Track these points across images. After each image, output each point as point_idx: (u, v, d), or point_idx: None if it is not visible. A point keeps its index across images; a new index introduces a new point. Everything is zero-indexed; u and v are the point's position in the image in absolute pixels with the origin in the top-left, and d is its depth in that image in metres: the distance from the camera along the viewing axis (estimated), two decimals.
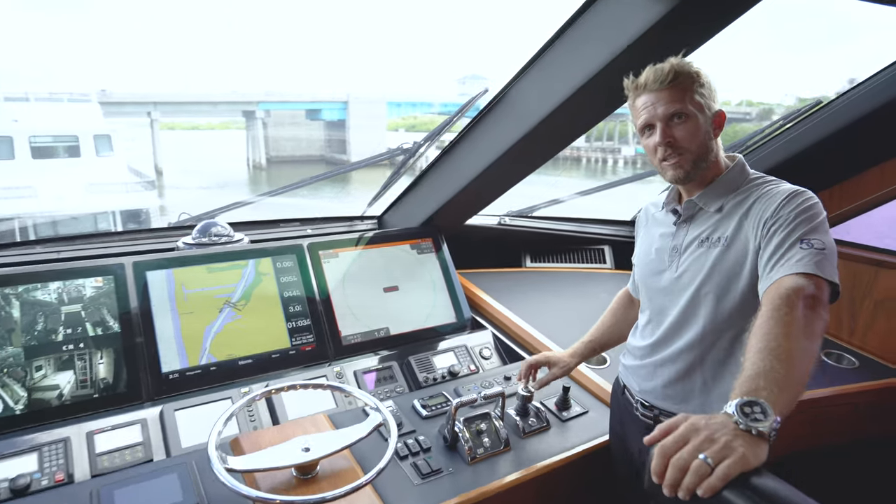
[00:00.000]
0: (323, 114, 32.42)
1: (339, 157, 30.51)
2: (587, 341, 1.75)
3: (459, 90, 44.46)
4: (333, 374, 1.95)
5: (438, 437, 1.67)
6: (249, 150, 29.74)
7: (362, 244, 2.34)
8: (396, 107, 35.51)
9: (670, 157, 1.34)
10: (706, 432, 0.87)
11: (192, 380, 1.83)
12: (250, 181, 26.77)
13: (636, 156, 29.99)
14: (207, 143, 35.14)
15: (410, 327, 2.26)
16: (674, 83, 1.30)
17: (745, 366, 1.00)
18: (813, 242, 1.16)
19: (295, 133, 32.27)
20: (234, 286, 2.01)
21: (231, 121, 33.58)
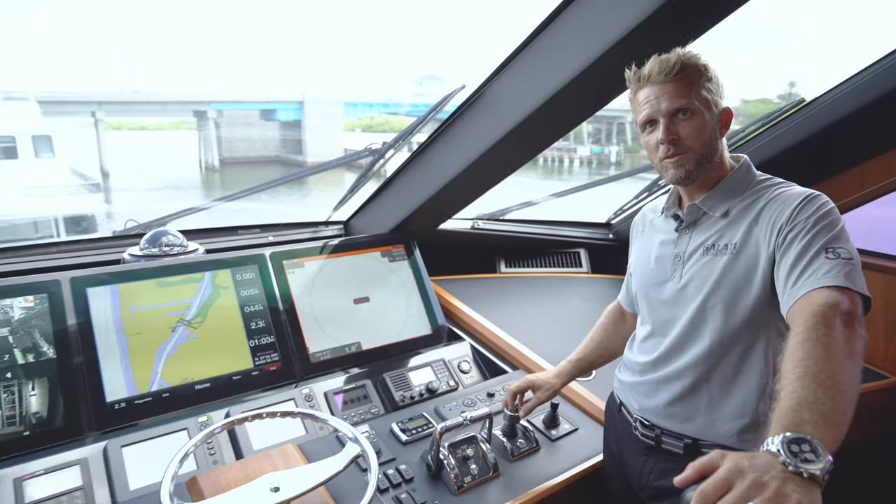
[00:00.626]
0: (278, 114, 31.76)
1: (296, 157, 29.90)
2: (574, 360, 1.64)
3: (416, 90, 44.34)
4: (302, 396, 1.77)
5: (421, 464, 1.53)
6: (202, 151, 28.80)
7: (329, 252, 2.18)
8: (353, 107, 35.13)
9: (672, 156, 1.24)
10: (753, 475, 0.75)
11: (141, 409, 1.63)
12: (203, 183, 25.91)
13: (591, 156, 30.46)
14: (157, 143, 33.85)
15: (383, 341, 2.11)
16: (680, 76, 1.20)
17: (782, 394, 0.89)
18: (839, 251, 1.07)
19: (249, 133, 31.46)
20: (189, 302, 1.82)
21: (182, 121, 32.44)
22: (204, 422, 1.60)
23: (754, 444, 1.27)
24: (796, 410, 0.85)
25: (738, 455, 0.80)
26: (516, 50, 1.69)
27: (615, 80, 1.56)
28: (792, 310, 1.07)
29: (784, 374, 0.93)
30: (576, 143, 32.13)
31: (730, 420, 1.26)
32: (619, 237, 2.99)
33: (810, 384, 0.88)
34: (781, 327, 1.23)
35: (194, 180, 26.00)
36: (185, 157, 29.22)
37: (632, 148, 29.76)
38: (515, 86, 1.72)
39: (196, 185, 24.87)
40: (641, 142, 1.32)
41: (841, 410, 0.85)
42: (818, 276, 1.05)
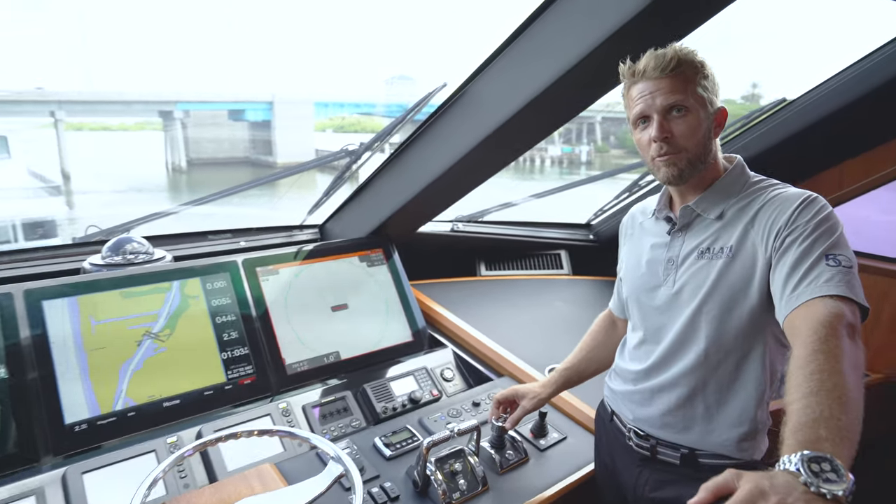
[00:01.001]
0: (247, 114, 31.21)
1: (266, 158, 29.44)
2: (563, 369, 1.58)
3: (387, 91, 44.15)
4: (279, 411, 1.68)
5: (407, 480, 1.46)
6: (168, 153, 28.11)
7: (305, 258, 2.08)
8: (324, 107, 34.77)
9: (665, 155, 1.19)
10: (776, 497, 0.70)
11: (104, 430, 1.52)
12: (170, 185, 25.28)
13: (562, 155, 30.71)
14: (121, 145, 32.95)
15: (363, 350, 2.03)
16: (676, 72, 1.15)
17: (794, 408, 0.85)
18: (840, 259, 1.04)
19: (217, 134, 30.86)
20: (156, 313, 1.71)
21: (147, 121, 31.63)
22: (174, 442, 1.50)
23: (752, 453, 1.24)
24: (812, 427, 0.80)
25: (756, 475, 0.75)
26: (499, 48, 1.64)
27: (601, 79, 1.53)
28: (792, 317, 1.03)
29: (795, 387, 0.88)
30: (547, 143, 32.39)
31: (728, 429, 1.23)
32: (600, 238, 2.96)
33: (825, 399, 0.83)
34: (778, 333, 1.19)
35: (160, 182, 25.36)
36: (151, 158, 28.51)
37: (601, 148, 30.09)
38: (499, 85, 1.66)
39: (162, 187, 24.27)
40: (633, 139, 1.28)
41: (854, 426, 0.82)
42: (819, 284, 1.01)
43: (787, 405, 0.87)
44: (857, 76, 1.87)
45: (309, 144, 28.10)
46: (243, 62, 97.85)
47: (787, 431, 0.83)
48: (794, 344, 0.97)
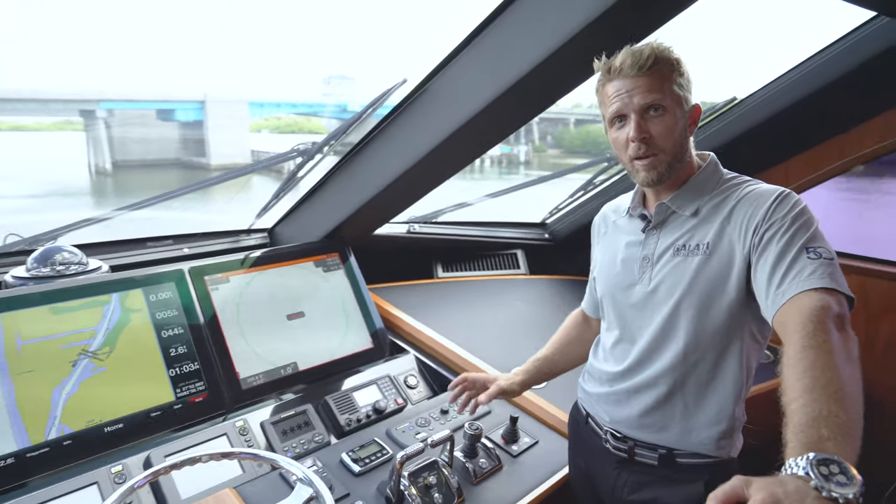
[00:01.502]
0: (177, 114, 29.88)
1: (198, 160, 28.22)
2: (536, 360, 1.56)
3: (324, 90, 43.35)
4: (235, 429, 1.56)
5: (379, 497, 1.39)
6: (91, 154, 26.50)
7: (257, 264, 1.96)
8: (259, 107, 33.76)
9: (644, 157, 1.18)
10: None
11: (36, 463, 1.36)
12: (94, 189, 23.83)
13: (501, 155, 31.11)
14: (37, 146, 30.84)
15: (322, 359, 1.93)
16: (653, 70, 1.13)
17: (792, 408, 0.83)
18: (820, 251, 1.04)
19: (145, 135, 29.36)
20: (93, 330, 1.55)
21: (66, 121, 29.74)
22: (119, 472, 1.35)
23: (729, 451, 1.24)
24: (813, 427, 0.79)
25: (766, 481, 0.72)
26: (464, 42, 1.58)
27: (572, 74, 1.50)
28: (780, 314, 1.02)
29: (790, 386, 0.87)
30: None
31: (706, 427, 1.22)
32: (556, 237, 2.97)
33: (821, 396, 0.82)
34: (754, 329, 1.20)
35: (83, 186, 23.87)
36: (72, 160, 26.81)
37: (539, 147, 30.66)
38: (463, 80, 1.61)
39: (86, 191, 22.84)
40: (609, 137, 1.25)
41: (855, 422, 0.80)
42: (803, 278, 1.01)
43: (784, 405, 0.86)
44: (802, 76, 1.94)
45: (244, 146, 27.21)
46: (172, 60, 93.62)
47: (788, 433, 0.81)
48: (784, 341, 0.96)
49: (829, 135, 2.11)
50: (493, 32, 1.49)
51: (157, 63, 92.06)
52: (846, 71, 1.79)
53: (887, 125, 1.96)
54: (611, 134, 1.23)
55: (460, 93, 1.60)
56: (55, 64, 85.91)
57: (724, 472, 1.23)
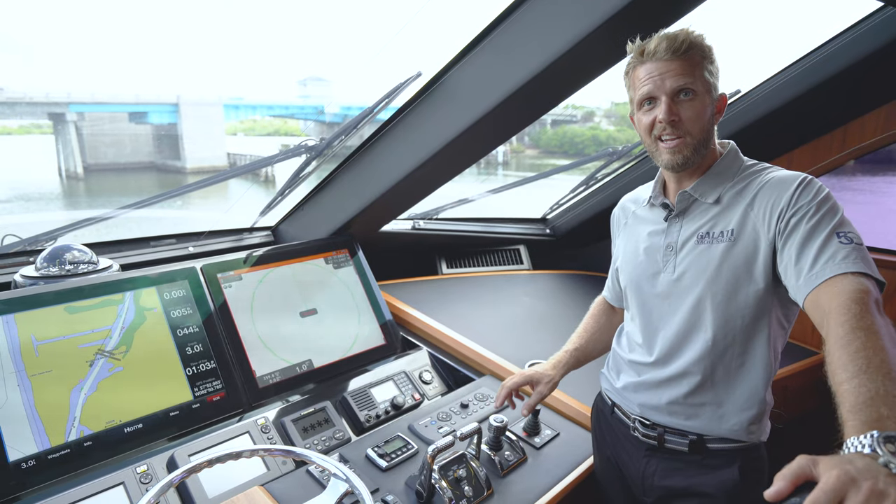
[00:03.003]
0: (150, 117, 29.33)
1: (173, 163, 27.78)
2: (572, 350, 1.54)
3: (300, 92, 42.93)
4: (257, 427, 1.53)
5: (409, 491, 1.38)
6: (61, 158, 25.85)
7: (268, 261, 1.93)
8: (234, 109, 33.34)
9: (669, 139, 1.19)
10: (867, 482, 0.68)
11: (57, 465, 1.32)
12: (66, 193, 23.26)
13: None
14: (5, 150, 30.02)
15: (336, 356, 1.91)
16: (686, 55, 1.14)
17: (845, 388, 0.84)
18: (850, 236, 1.05)
19: (117, 138, 28.78)
20: (109, 329, 1.51)
21: (34, 124, 29.00)
22: (144, 471, 1.32)
23: (759, 436, 1.25)
24: (872, 405, 0.80)
25: (835, 460, 0.73)
26: (479, 36, 1.58)
27: (589, 67, 1.51)
28: (814, 294, 1.03)
29: (842, 367, 0.88)
30: None
31: (737, 413, 1.23)
32: (557, 232, 2.98)
33: (876, 376, 0.83)
34: (780, 315, 1.21)
35: (54, 190, 23.29)
36: (42, 164, 26.15)
37: (517, 148, 30.81)
38: (480, 75, 1.60)
39: (56, 195, 22.29)
40: (633, 120, 1.26)
41: None
42: (837, 262, 1.03)
43: (835, 385, 0.87)
44: (806, 68, 1.98)
45: (220, 148, 26.87)
46: (144, 61, 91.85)
47: (844, 412, 0.81)
48: (825, 322, 0.97)
49: (831, 126, 2.16)
50: (508, 28, 1.50)
51: (129, 64, 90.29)
52: (850, 63, 1.83)
53: (889, 116, 2.01)
54: (637, 116, 1.24)
55: (475, 89, 1.60)
56: (22, 65, 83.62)
57: (755, 456, 1.26)
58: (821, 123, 2.17)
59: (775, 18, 54.79)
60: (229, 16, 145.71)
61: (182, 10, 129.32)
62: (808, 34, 2.02)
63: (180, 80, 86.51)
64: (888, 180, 4.67)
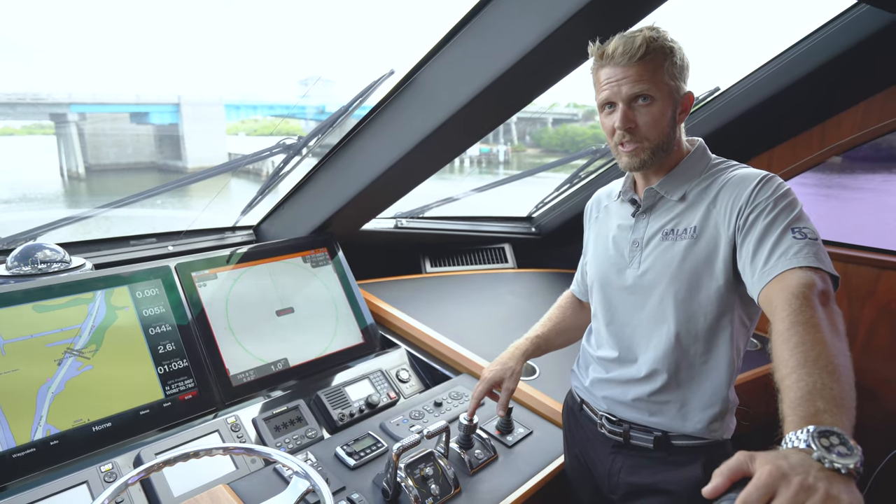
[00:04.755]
0: (151, 117, 29.42)
1: (175, 163, 27.84)
2: (533, 337, 1.52)
3: (302, 92, 42.95)
4: (227, 426, 1.54)
5: (375, 490, 1.37)
6: (63, 158, 25.93)
7: (245, 260, 1.93)
8: (235, 109, 33.41)
9: (627, 144, 1.19)
10: (798, 477, 0.68)
11: (21, 465, 1.32)
12: (68, 193, 23.32)
13: (481, 156, 31.21)
14: (6, 150, 30.12)
15: (312, 355, 1.91)
16: (644, 59, 1.14)
17: (786, 383, 0.84)
18: (805, 231, 1.06)
19: (119, 138, 28.87)
20: (79, 327, 1.51)
21: (36, 124, 29.10)
22: (109, 470, 1.32)
23: (722, 433, 1.25)
24: (809, 400, 0.80)
25: (769, 455, 0.73)
26: (448, 35, 1.58)
27: (562, 60, 1.50)
28: (766, 291, 1.03)
29: (782, 362, 0.88)
30: None
31: (699, 411, 1.23)
32: (543, 231, 2.98)
33: (813, 370, 0.83)
34: (742, 313, 1.21)
35: (56, 190, 23.36)
36: (43, 164, 26.24)
37: (518, 147, 30.83)
38: (451, 72, 1.60)
39: (59, 195, 22.34)
40: (599, 121, 1.26)
41: (848, 392, 0.82)
42: (789, 257, 1.03)
43: (778, 381, 0.87)
44: (783, 66, 1.97)
45: (221, 148, 26.90)
46: (145, 62, 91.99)
47: (785, 408, 0.82)
48: (772, 319, 0.97)
49: (810, 124, 2.15)
50: (478, 24, 1.49)
51: (130, 65, 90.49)
52: (825, 61, 1.83)
53: (866, 114, 2.00)
54: (601, 118, 1.24)
55: (447, 85, 1.59)
56: (24, 66, 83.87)
57: (720, 454, 1.25)
58: (799, 121, 2.16)
59: (753, 16, 54.73)
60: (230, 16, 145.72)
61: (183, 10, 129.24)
62: (784, 32, 2.01)
63: (181, 81, 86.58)
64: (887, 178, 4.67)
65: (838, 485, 0.68)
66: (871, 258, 2.18)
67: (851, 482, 0.70)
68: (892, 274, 2.14)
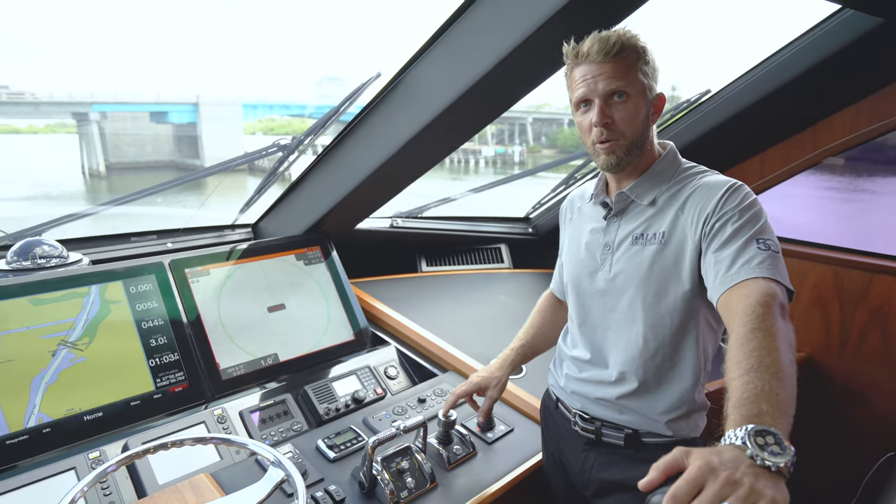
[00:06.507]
0: (170, 116, 29.90)
1: (192, 162, 28.26)
2: (517, 347, 1.56)
3: (318, 92, 43.33)
4: (214, 417, 1.59)
5: (353, 482, 1.41)
6: (84, 157, 26.44)
7: (238, 257, 1.98)
8: (252, 109, 33.82)
9: (605, 141, 1.20)
10: (725, 472, 0.71)
11: (14, 450, 1.38)
12: (89, 191, 23.78)
13: (496, 156, 31.17)
14: (31, 148, 30.77)
15: (303, 351, 1.95)
16: (619, 56, 1.16)
17: (735, 384, 0.86)
18: (769, 243, 1.08)
19: (138, 137, 29.37)
20: (73, 321, 1.57)
21: (59, 123, 29.70)
22: (96, 458, 1.38)
23: (689, 432, 1.27)
24: (754, 402, 0.82)
25: (704, 451, 0.75)
26: (434, 35, 1.61)
27: (546, 60, 1.53)
28: (726, 296, 1.05)
29: (736, 363, 0.90)
30: (480, 144, 32.85)
31: (667, 412, 1.25)
32: (539, 231, 3.00)
33: (764, 374, 0.85)
34: (709, 317, 1.23)
35: (77, 188, 23.84)
36: (66, 162, 26.78)
37: (533, 148, 30.79)
38: (435, 73, 1.63)
39: (80, 193, 22.81)
40: (574, 121, 1.28)
41: (791, 400, 0.84)
42: (752, 266, 1.05)
43: (728, 381, 0.89)
44: (773, 68, 1.97)
45: (238, 147, 27.17)
46: (164, 62, 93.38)
47: (729, 407, 0.84)
48: (731, 322, 0.99)
49: (801, 127, 2.15)
50: (462, 25, 1.52)
51: (150, 65, 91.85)
52: (813, 63, 1.82)
53: (856, 116, 2.00)
54: (576, 117, 1.26)
55: (431, 87, 1.62)
56: (48, 66, 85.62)
57: None
58: (791, 123, 2.15)
59: (743, 19, 54.05)
60: (248, 17, 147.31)
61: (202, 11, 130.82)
62: (773, 35, 2.01)
63: (200, 81, 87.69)
64: None
65: (765, 481, 0.70)
66: (863, 262, 2.17)
67: (780, 480, 0.72)
68: (885, 278, 2.13)
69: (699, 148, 2.26)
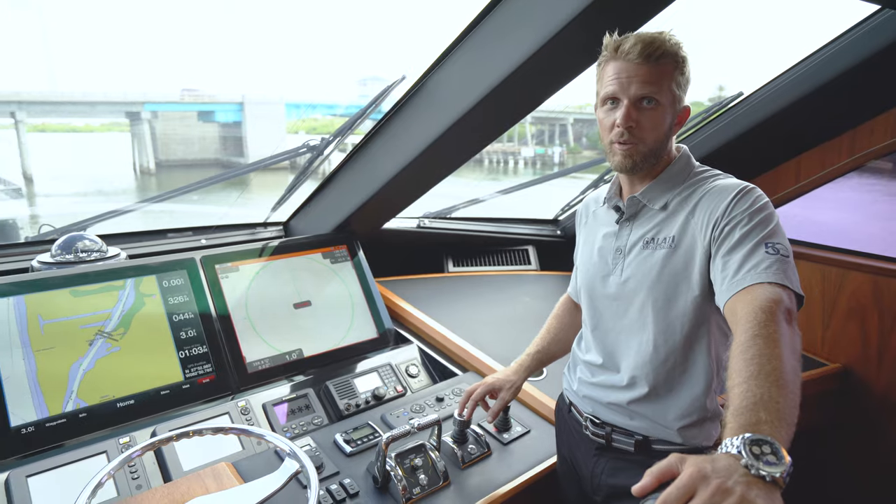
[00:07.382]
0: (217, 115, 30.80)
1: (237, 160, 29.02)
2: (534, 352, 1.58)
3: (360, 91, 43.89)
4: (238, 409, 1.65)
5: (367, 477, 1.44)
6: (136, 154, 27.51)
7: (266, 254, 2.05)
8: (295, 108, 34.45)
9: (624, 143, 1.19)
10: (717, 480, 0.71)
11: (53, 433, 1.47)
12: (139, 187, 24.74)
13: (535, 157, 30.90)
14: (87, 146, 32.18)
15: (326, 347, 2.00)
16: (658, 63, 1.14)
17: (735, 392, 0.85)
18: (777, 247, 1.05)
19: (187, 135, 30.36)
20: (109, 312, 1.66)
21: (113, 122, 30.97)
22: (126, 443, 1.45)
23: (701, 440, 1.25)
24: (752, 410, 0.81)
25: (698, 459, 0.75)
26: (458, 38, 1.63)
27: (567, 64, 1.53)
28: (732, 302, 1.04)
29: (736, 371, 0.89)
30: (520, 145, 32.68)
31: (677, 419, 1.24)
32: (567, 233, 2.98)
33: (764, 382, 0.84)
34: (721, 322, 1.21)
35: (128, 184, 24.82)
36: (119, 160, 27.92)
37: (574, 149, 30.45)
38: (458, 76, 1.65)
39: (130, 189, 23.74)
40: (596, 116, 1.26)
41: (792, 409, 0.83)
42: (759, 271, 1.03)
43: (728, 389, 0.88)
44: (807, 71, 1.91)
45: (281, 146, 27.67)
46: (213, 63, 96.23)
47: (728, 414, 0.83)
48: (734, 328, 0.98)
49: (838, 131, 2.07)
50: (484, 28, 1.54)
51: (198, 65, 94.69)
52: (850, 66, 1.76)
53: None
54: (599, 113, 1.24)
55: (455, 89, 1.64)
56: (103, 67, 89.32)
57: None
58: (827, 127, 2.08)
59: (777, 20, 51.39)
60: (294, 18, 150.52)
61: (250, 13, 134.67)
62: (808, 37, 1.95)
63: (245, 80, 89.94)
64: None
65: (758, 490, 0.70)
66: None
67: (775, 490, 0.71)
68: None
69: (732, 151, 2.22)
